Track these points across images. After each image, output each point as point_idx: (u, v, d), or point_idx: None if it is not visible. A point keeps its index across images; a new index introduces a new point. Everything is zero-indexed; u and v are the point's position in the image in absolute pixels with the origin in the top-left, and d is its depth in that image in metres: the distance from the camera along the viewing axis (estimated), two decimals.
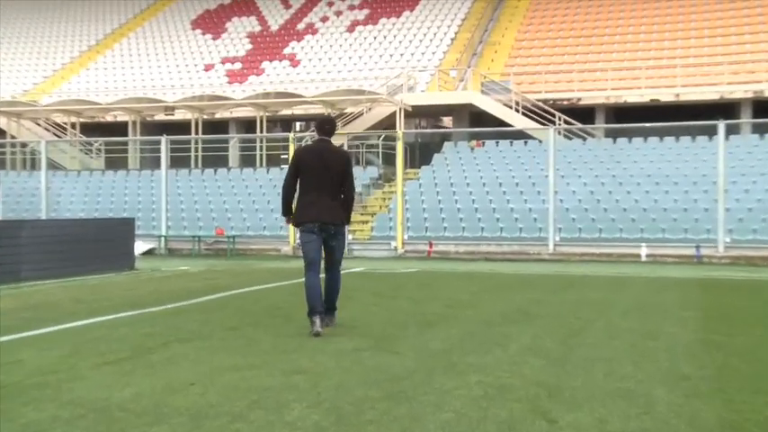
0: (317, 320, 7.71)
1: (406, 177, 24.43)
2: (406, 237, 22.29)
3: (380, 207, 25.60)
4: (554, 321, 8.67)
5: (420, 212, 23.86)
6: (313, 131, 26.35)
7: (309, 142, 22.22)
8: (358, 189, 24.06)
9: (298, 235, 8.40)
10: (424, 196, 24.83)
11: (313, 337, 7.55)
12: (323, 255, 8.13)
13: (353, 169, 8.38)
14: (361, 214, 24.53)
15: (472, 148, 28.08)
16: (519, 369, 6.03)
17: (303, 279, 7.99)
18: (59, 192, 28.09)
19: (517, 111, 29.73)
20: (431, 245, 21.93)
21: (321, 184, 7.87)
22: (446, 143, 29.27)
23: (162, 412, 4.79)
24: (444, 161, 27.31)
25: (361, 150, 29.59)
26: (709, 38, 33.52)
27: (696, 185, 22.95)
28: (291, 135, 23.79)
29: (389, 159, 27.48)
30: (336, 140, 8.47)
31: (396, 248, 21.90)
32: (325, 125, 8.23)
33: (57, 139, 33.95)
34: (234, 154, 32.21)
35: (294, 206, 8.05)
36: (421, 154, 31.68)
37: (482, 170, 25.93)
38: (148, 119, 34.51)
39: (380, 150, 29.21)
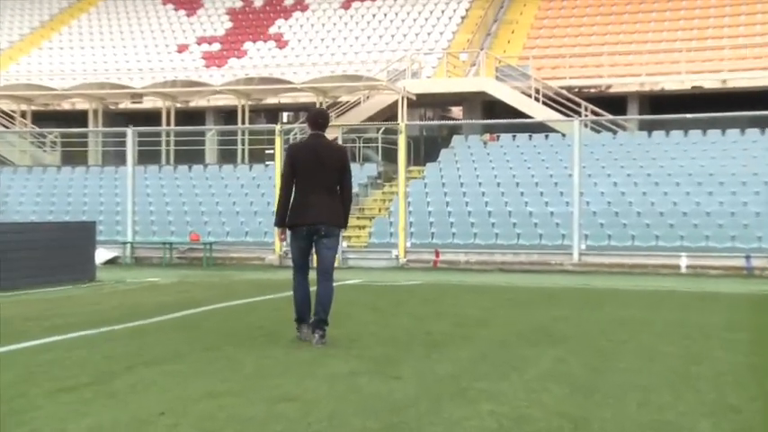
0: (304, 328, 8.49)
1: (409, 176, 24.31)
2: (408, 244, 22.30)
3: (379, 210, 25.64)
4: (580, 343, 8.68)
5: (425, 216, 23.85)
6: (303, 123, 26.33)
7: (299, 136, 21.66)
8: (354, 189, 24.02)
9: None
10: (429, 198, 24.85)
11: (299, 343, 8.11)
12: (313, 263, 8.55)
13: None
14: (358, 218, 24.58)
15: (485, 143, 28.09)
16: (539, 397, 6.02)
17: (290, 292, 8.71)
18: (7, 191, 28.09)
19: (537, 100, 29.62)
20: (437, 254, 22.00)
21: (318, 182, 8.36)
22: (455, 137, 29.26)
23: None
24: (453, 157, 27.31)
25: (357, 145, 29.44)
26: (762, 14, 33.49)
27: (745, 186, 22.93)
28: (278, 127, 23.73)
29: (390, 155, 27.39)
30: (330, 134, 8.77)
31: (397, 258, 21.98)
32: (319, 119, 8.67)
33: (4, 129, 33.96)
34: (211, 148, 32.19)
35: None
36: (426, 149, 31.64)
37: (497, 168, 25.89)
38: (112, 107, 34.52)
39: (380, 145, 29.04)
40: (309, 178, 8.33)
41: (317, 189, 8.32)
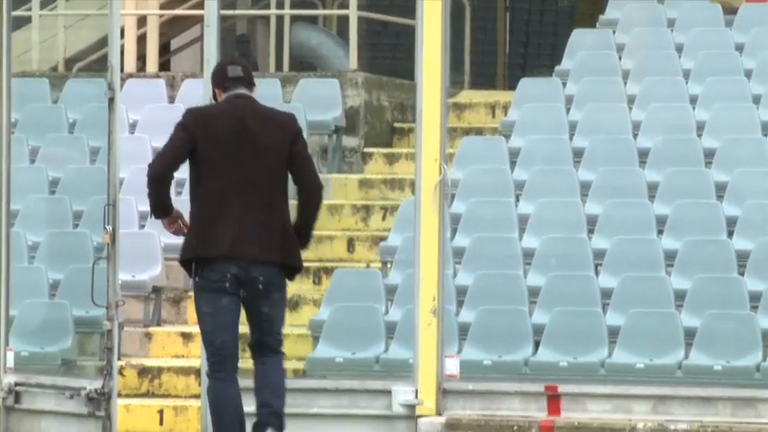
0: None
1: (456, 125, 10.77)
2: (453, 368, 6.79)
3: (350, 245, 10.49)
4: None
5: (510, 262, 8.42)
6: None
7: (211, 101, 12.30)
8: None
9: (190, 284, 5.97)
10: (528, 201, 9.09)
11: None
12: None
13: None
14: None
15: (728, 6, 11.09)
16: None
17: None
18: None
19: None
20: (553, 400, 6.82)
21: (244, 183, 5.63)
22: None
23: None
24: (606, 58, 10.47)
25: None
26: None
27: None
28: None
29: (383, 53, 13.33)
30: None
31: (412, 406, 6.70)
32: (233, 71, 5.76)
33: None
34: None
35: (190, 228, 5.57)
36: (522, 30, 14.88)
37: None
38: None
39: (352, 15, 11.85)
40: (229, 175, 5.54)
41: (243, 196, 5.53)
